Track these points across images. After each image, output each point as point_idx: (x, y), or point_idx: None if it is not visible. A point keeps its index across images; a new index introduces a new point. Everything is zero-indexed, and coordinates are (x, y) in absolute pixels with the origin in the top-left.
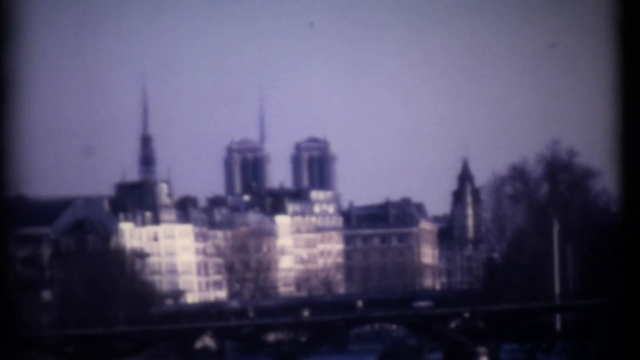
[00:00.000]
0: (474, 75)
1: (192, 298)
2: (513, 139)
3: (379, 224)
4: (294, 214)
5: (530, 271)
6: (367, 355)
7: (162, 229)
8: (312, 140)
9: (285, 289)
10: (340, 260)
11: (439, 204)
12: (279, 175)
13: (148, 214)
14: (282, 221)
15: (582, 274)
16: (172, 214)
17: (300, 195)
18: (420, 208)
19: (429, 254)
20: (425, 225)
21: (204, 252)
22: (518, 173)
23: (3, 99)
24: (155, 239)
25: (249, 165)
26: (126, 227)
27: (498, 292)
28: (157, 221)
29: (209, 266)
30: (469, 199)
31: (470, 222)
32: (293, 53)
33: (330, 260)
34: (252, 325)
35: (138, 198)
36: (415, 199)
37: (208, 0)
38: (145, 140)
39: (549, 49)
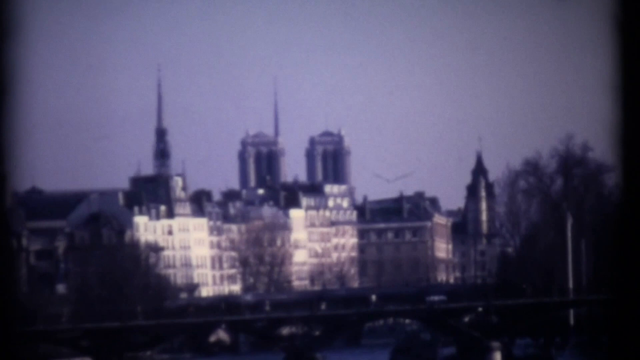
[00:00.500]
0: (488, 70)
1: (206, 292)
2: (527, 133)
3: (393, 218)
4: (308, 208)
5: (544, 266)
6: (380, 349)
7: (177, 223)
8: (327, 134)
9: (300, 283)
10: (354, 254)
11: (452, 198)
12: (293, 169)
13: (163, 208)
14: (296, 215)
15: (596, 269)
16: (186, 208)
17: (314, 189)
18: (434, 202)
19: (442, 249)
20: (439, 220)
21: (219, 245)
22: (532, 167)
23: (14, 95)
24: (170, 232)
25: (264, 159)
26: (141, 220)
27: (512, 287)
28: (171, 215)
29: (224, 260)
30: (482, 193)
31: (484, 216)
32: (308, 47)
33: (344, 254)
34: (266, 319)
35: (153, 192)
36: (429, 193)
37: None
38: (160, 134)
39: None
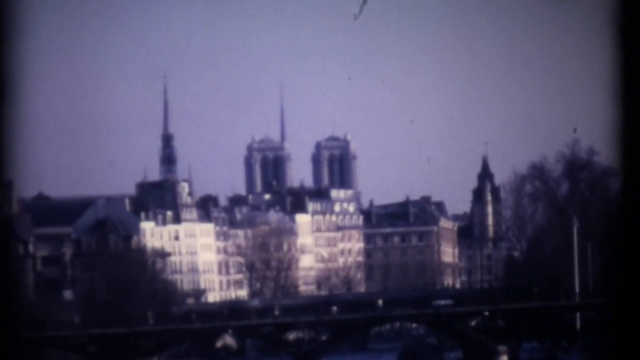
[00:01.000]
0: (494, 74)
1: (213, 297)
2: (533, 137)
3: (399, 223)
4: (315, 212)
5: (550, 269)
6: (387, 353)
7: (183, 228)
8: (333, 139)
9: (306, 288)
10: (360, 258)
11: (458, 202)
12: (299, 174)
13: (169, 213)
14: (302, 220)
15: (602, 272)
16: (193, 213)
17: (320, 194)
18: (440, 206)
19: (449, 253)
20: (446, 224)
21: (225, 251)
22: (538, 171)
23: (19, 102)
24: (177, 238)
25: (270, 164)
26: (147, 226)
27: (518, 291)
28: (178, 220)
29: (230, 265)
30: (489, 197)
31: (490, 220)
32: (313, 53)
33: (350, 259)
34: (273, 324)
35: (159, 197)
36: (435, 197)
37: None
38: (166, 140)
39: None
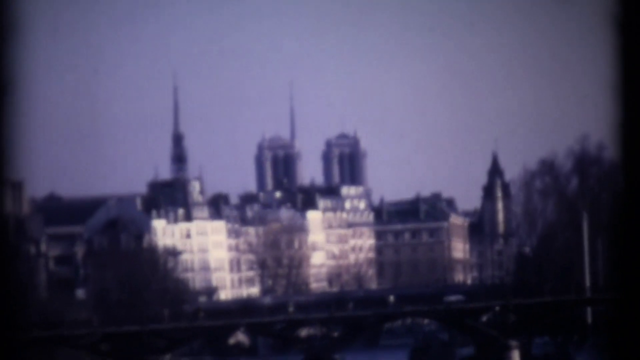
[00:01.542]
0: (504, 71)
1: (225, 295)
2: (543, 133)
3: (409, 219)
4: (325, 210)
5: (561, 265)
6: (399, 350)
7: (195, 226)
8: (343, 136)
9: (318, 285)
10: (371, 255)
11: (469, 198)
12: (309, 171)
13: (181, 211)
14: (313, 217)
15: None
16: (204, 211)
17: (331, 191)
18: (450, 203)
19: (459, 249)
20: (456, 220)
21: (237, 248)
22: (548, 167)
23: (28, 105)
24: (188, 235)
25: (280, 162)
26: (159, 224)
27: (529, 286)
28: (189, 218)
29: (242, 262)
30: (499, 193)
31: (500, 216)
32: (323, 50)
33: (361, 256)
34: (285, 321)
35: (170, 196)
36: (446, 194)
37: None
38: (177, 139)
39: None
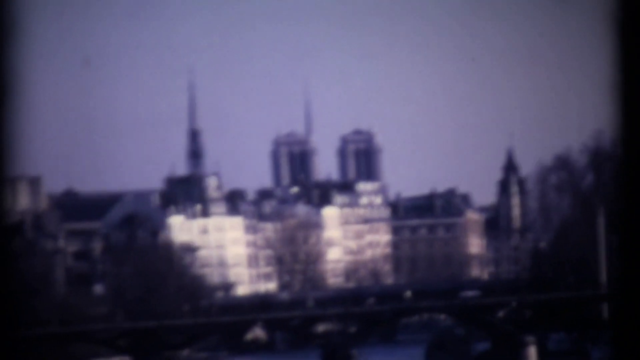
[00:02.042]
0: (519, 66)
1: (242, 290)
2: (558, 128)
3: (425, 215)
4: (342, 205)
5: (576, 260)
6: (415, 345)
7: (212, 222)
8: (358, 132)
9: (334, 280)
10: (388, 251)
11: (484, 194)
12: (325, 167)
13: (198, 207)
14: (329, 213)
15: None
16: (221, 207)
17: (347, 187)
18: (466, 198)
19: (475, 244)
20: (472, 216)
21: (254, 244)
22: (563, 163)
23: (36, 97)
24: (205, 231)
25: (296, 158)
26: (176, 220)
27: (545, 282)
28: (206, 214)
29: (259, 258)
30: (514, 189)
31: (516, 212)
32: (338, 47)
33: (378, 251)
34: (302, 316)
35: (187, 191)
36: (461, 189)
37: None
38: (193, 134)
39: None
